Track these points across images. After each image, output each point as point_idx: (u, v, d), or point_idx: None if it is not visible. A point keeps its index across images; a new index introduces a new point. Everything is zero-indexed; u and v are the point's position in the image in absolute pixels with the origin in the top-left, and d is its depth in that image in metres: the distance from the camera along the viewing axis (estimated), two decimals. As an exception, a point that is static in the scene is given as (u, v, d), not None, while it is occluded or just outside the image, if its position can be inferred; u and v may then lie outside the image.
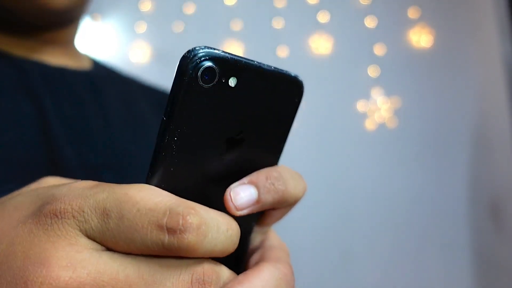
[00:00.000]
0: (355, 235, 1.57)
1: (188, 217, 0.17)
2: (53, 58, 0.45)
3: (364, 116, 1.63)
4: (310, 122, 1.58)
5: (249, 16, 1.60)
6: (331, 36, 1.64)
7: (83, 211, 0.18)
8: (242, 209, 0.21)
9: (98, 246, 0.18)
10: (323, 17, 1.64)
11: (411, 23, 1.67)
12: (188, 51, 0.19)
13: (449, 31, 1.69)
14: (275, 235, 0.26)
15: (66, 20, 0.44)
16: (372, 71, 1.64)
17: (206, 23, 1.61)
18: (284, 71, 0.22)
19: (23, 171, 0.36)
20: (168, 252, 0.18)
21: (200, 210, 0.18)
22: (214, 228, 0.18)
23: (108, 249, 0.18)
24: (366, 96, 1.63)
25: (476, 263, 1.60)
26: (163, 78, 1.45)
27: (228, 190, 0.21)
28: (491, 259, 1.60)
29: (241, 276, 0.20)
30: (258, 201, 0.21)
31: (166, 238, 0.17)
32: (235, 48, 1.58)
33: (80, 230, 0.18)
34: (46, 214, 0.18)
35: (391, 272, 1.56)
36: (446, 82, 1.66)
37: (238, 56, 0.20)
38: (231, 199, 0.21)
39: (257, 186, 0.21)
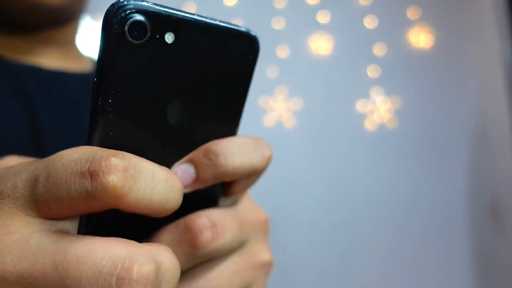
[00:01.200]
0: (355, 235, 1.56)
1: (112, 159, 0.16)
2: (50, 60, 0.44)
3: (363, 116, 1.63)
4: (310, 122, 1.58)
5: (249, 16, 1.60)
6: (331, 36, 1.64)
7: (16, 187, 0.17)
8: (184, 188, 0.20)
9: (42, 223, 0.17)
10: (323, 17, 1.64)
11: (411, 23, 1.67)
12: (112, 4, 0.17)
13: (449, 31, 1.69)
14: (249, 200, 0.25)
15: (63, 19, 0.43)
16: (372, 71, 1.64)
17: (206, 23, 1.61)
18: (234, 26, 0.20)
19: None
20: (96, 201, 0.16)
21: (131, 156, 0.17)
22: (148, 175, 0.17)
23: (51, 218, 0.17)
24: (366, 96, 1.63)
25: (476, 263, 1.60)
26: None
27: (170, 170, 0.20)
28: (491, 259, 1.60)
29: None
30: (196, 179, 0.20)
31: (89, 184, 0.16)
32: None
33: (16, 208, 0.17)
34: None
35: (391, 272, 1.56)
36: (446, 82, 1.66)
37: (173, 9, 0.18)
38: None
39: (194, 164, 0.20)
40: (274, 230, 0.27)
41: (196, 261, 0.20)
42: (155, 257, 0.16)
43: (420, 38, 1.67)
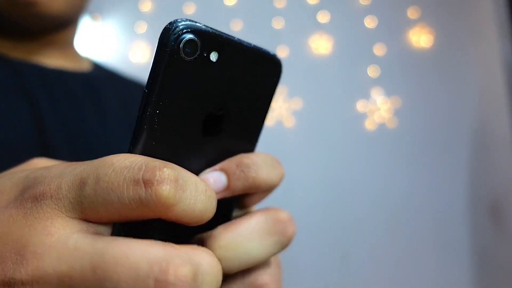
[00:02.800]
0: (355, 235, 1.57)
1: (165, 169, 0.17)
2: (51, 60, 0.45)
3: (364, 116, 1.63)
4: (310, 122, 1.58)
5: (249, 16, 1.60)
6: (331, 36, 1.64)
7: (60, 188, 0.18)
8: None
9: (81, 225, 0.17)
10: (323, 17, 1.64)
11: (411, 23, 1.67)
12: (170, 23, 0.19)
13: (449, 31, 1.69)
14: None
15: (64, 24, 0.44)
16: (372, 71, 1.64)
17: (206, 23, 1.60)
18: (264, 49, 0.22)
19: None
20: (147, 209, 0.17)
21: (178, 167, 0.18)
22: (193, 185, 0.18)
23: (91, 221, 0.18)
24: (366, 96, 1.63)
25: (476, 263, 1.60)
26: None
27: (200, 176, 0.21)
28: (491, 259, 1.60)
29: (228, 223, 0.20)
30: (227, 187, 0.21)
31: (143, 191, 0.16)
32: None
33: (58, 209, 0.17)
34: (27, 198, 0.18)
35: (391, 272, 1.56)
36: (446, 82, 1.67)
37: (219, 31, 0.19)
38: None
39: (227, 173, 0.21)
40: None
41: (282, 250, 0.22)
42: (193, 259, 0.16)
43: (420, 38, 1.67)
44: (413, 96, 1.64)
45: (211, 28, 0.19)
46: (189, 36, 0.18)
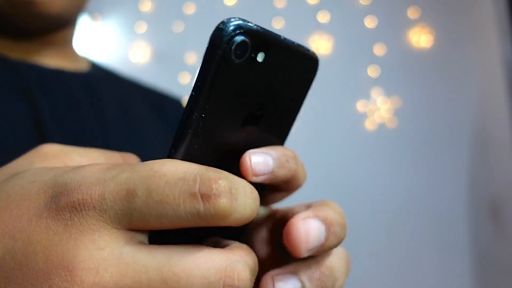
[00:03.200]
0: (354, 235, 1.56)
1: (220, 181, 0.17)
2: (50, 60, 0.45)
3: (364, 116, 1.63)
4: (310, 122, 1.58)
5: (249, 16, 1.59)
6: (331, 36, 1.64)
7: (104, 198, 0.17)
8: (257, 175, 0.20)
9: (125, 235, 0.17)
10: (323, 17, 1.64)
11: (411, 23, 1.68)
12: (222, 22, 0.17)
13: (449, 31, 1.69)
14: None
15: (63, 24, 0.44)
16: (372, 71, 1.64)
17: (206, 23, 1.61)
18: (303, 46, 0.21)
19: None
20: (203, 221, 0.17)
21: (229, 175, 0.17)
22: (242, 192, 0.18)
23: (137, 230, 0.17)
24: (366, 96, 1.63)
25: (476, 263, 1.60)
26: (163, 78, 1.45)
27: (247, 154, 0.20)
28: (491, 259, 1.60)
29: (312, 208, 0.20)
30: (272, 172, 0.21)
31: (201, 205, 0.16)
32: (235, 48, 1.58)
33: (103, 220, 0.17)
34: (63, 207, 0.17)
35: (391, 272, 1.56)
36: (446, 82, 1.67)
37: (268, 30, 0.19)
38: (250, 163, 0.20)
39: (273, 158, 0.21)
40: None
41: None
42: (247, 261, 0.18)
43: (420, 38, 1.67)
44: (413, 96, 1.65)
45: (261, 27, 0.18)
46: (242, 38, 0.17)
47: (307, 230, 0.19)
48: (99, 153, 0.23)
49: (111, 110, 0.47)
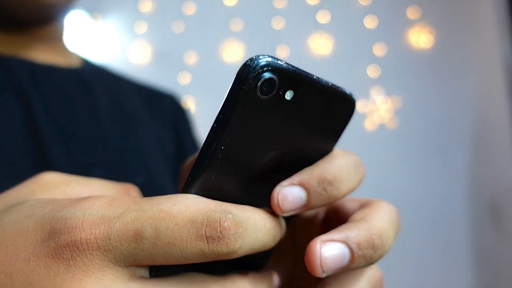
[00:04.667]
0: (355, 235, 1.57)
1: (225, 224, 0.17)
2: (41, 55, 0.44)
3: (364, 116, 1.63)
4: (310, 122, 1.58)
5: (249, 16, 1.60)
6: (331, 36, 1.64)
7: (110, 239, 0.16)
8: (288, 212, 0.20)
9: (127, 272, 0.17)
10: (323, 17, 1.64)
11: (411, 23, 1.68)
12: (251, 59, 0.17)
13: (449, 31, 1.69)
14: None
15: (56, 15, 0.43)
16: (372, 71, 1.64)
17: (206, 23, 1.61)
18: (340, 88, 0.21)
19: (9, 171, 0.35)
20: (208, 259, 0.17)
21: (237, 212, 0.18)
22: (252, 228, 0.18)
23: (132, 266, 0.18)
24: (366, 96, 1.63)
25: (476, 263, 1.60)
26: (163, 78, 1.45)
27: (276, 190, 0.20)
28: (491, 259, 1.60)
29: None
30: (306, 205, 0.20)
31: (206, 247, 0.17)
32: (235, 48, 1.58)
33: (108, 260, 0.17)
34: (63, 246, 0.16)
35: (391, 272, 1.56)
36: (446, 82, 1.67)
37: (299, 69, 0.19)
38: (278, 202, 0.19)
39: (307, 190, 0.20)
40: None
41: (373, 262, 0.20)
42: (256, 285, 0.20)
43: (420, 38, 1.67)
44: (413, 96, 1.65)
45: (291, 66, 0.18)
46: (269, 75, 0.17)
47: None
48: (101, 183, 0.23)
49: (105, 106, 0.47)
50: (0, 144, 0.36)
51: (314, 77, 0.19)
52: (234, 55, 1.58)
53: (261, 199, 0.20)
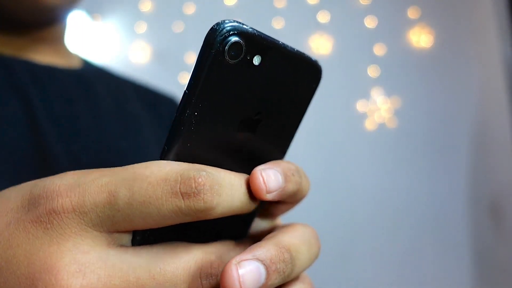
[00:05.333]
0: (355, 235, 1.57)
1: (200, 179, 0.17)
2: (42, 56, 0.44)
3: (364, 116, 1.63)
4: (310, 122, 1.58)
5: (249, 16, 1.60)
6: (331, 36, 1.64)
7: (84, 201, 0.17)
8: (271, 192, 0.20)
9: (106, 238, 0.17)
10: (323, 17, 1.64)
11: (411, 23, 1.68)
12: (217, 24, 0.18)
13: (449, 31, 1.69)
14: None
15: (57, 18, 0.43)
16: (372, 71, 1.64)
17: (206, 23, 1.60)
18: (306, 54, 0.21)
19: (11, 170, 0.35)
20: (187, 217, 0.17)
21: (211, 170, 0.18)
22: (228, 186, 0.18)
23: (120, 231, 0.18)
24: (366, 96, 1.63)
25: (476, 263, 1.60)
26: (163, 78, 1.45)
27: (257, 171, 0.20)
28: (491, 259, 1.60)
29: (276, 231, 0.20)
30: (282, 188, 0.20)
31: (182, 203, 0.17)
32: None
33: (85, 223, 0.17)
34: (42, 211, 0.17)
35: (391, 272, 1.56)
36: (446, 82, 1.67)
37: (265, 34, 0.19)
38: (263, 180, 0.19)
39: (283, 174, 0.20)
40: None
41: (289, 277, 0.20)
42: (223, 257, 0.19)
43: (420, 38, 1.67)
44: (413, 96, 1.65)
45: (257, 31, 0.19)
46: (235, 38, 0.18)
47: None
48: None
49: (106, 106, 0.47)
50: (1, 143, 0.36)
51: (280, 42, 0.20)
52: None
53: (238, 166, 0.21)
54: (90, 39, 1.57)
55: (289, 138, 0.23)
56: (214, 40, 0.18)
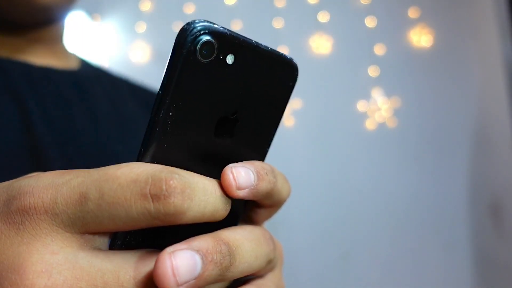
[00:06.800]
0: (355, 235, 1.56)
1: (171, 182, 0.17)
2: (38, 58, 0.44)
3: (364, 116, 1.63)
4: (310, 122, 1.58)
5: (249, 16, 1.60)
6: (331, 36, 1.64)
7: (56, 202, 0.17)
8: (242, 189, 0.19)
9: (78, 240, 0.17)
10: (323, 17, 1.64)
11: (411, 23, 1.67)
12: (188, 24, 0.18)
13: (449, 31, 1.69)
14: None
15: (53, 18, 0.43)
16: (372, 71, 1.63)
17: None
18: (280, 53, 0.21)
19: (5, 174, 0.35)
20: (156, 220, 0.17)
21: (184, 174, 0.17)
22: (201, 191, 0.18)
23: (89, 233, 0.17)
24: (366, 96, 1.63)
25: (476, 263, 1.60)
26: (163, 78, 1.45)
27: (228, 168, 0.19)
28: (491, 259, 1.60)
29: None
30: (255, 186, 0.20)
31: (151, 206, 0.16)
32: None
33: (56, 224, 0.17)
34: (15, 211, 0.17)
35: (391, 272, 1.56)
36: (446, 82, 1.66)
37: (236, 33, 0.19)
38: (233, 177, 0.19)
39: (253, 171, 0.20)
40: (274, 230, 0.27)
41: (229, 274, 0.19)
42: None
43: (420, 38, 1.67)
44: (413, 96, 1.64)
45: (228, 30, 0.19)
46: (207, 38, 0.18)
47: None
48: None
49: (102, 109, 0.46)
50: None
51: (253, 41, 0.20)
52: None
53: (215, 169, 0.20)
54: (90, 39, 1.57)
55: (268, 140, 0.23)
56: (185, 40, 0.18)
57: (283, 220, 1.46)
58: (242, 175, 0.19)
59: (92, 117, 0.44)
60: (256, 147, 0.23)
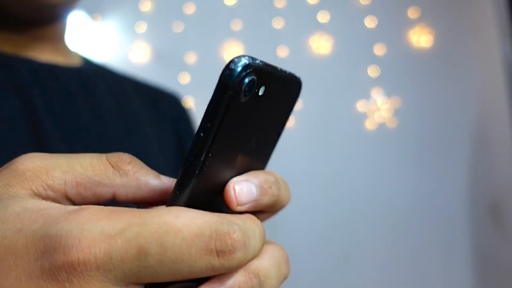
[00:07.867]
0: (354, 235, 1.56)
1: (235, 236, 0.16)
2: (43, 54, 0.44)
3: (364, 116, 1.63)
4: (310, 122, 1.58)
5: (249, 16, 1.60)
6: (331, 36, 1.64)
7: (111, 257, 0.15)
8: (242, 205, 0.20)
9: None
10: (323, 17, 1.64)
11: (411, 23, 1.67)
12: (233, 62, 0.17)
13: (449, 31, 1.69)
14: None
15: (57, 15, 0.43)
16: (372, 71, 1.64)
17: (206, 23, 1.61)
18: (290, 72, 0.21)
19: None
20: (215, 273, 0.17)
21: (240, 223, 0.17)
22: (252, 237, 0.18)
23: (140, 284, 0.17)
24: (366, 96, 1.63)
25: (476, 263, 1.60)
26: (163, 78, 1.45)
27: (230, 183, 0.20)
28: (491, 259, 1.60)
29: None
30: (257, 200, 0.20)
31: (216, 261, 0.16)
32: (235, 48, 1.58)
33: (107, 280, 0.15)
34: (59, 267, 0.15)
35: (391, 272, 1.56)
36: (446, 82, 1.66)
37: (269, 64, 0.19)
38: (234, 193, 0.19)
39: (256, 186, 0.20)
40: (274, 230, 0.27)
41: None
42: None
43: (420, 38, 1.67)
44: (413, 96, 1.64)
45: (264, 63, 0.18)
46: (251, 77, 0.17)
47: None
48: (84, 166, 0.20)
49: (107, 105, 0.46)
50: (2, 142, 0.36)
51: (278, 68, 0.20)
52: (234, 55, 1.58)
53: (224, 181, 0.21)
54: (90, 39, 1.57)
55: (273, 146, 0.24)
56: (232, 81, 0.17)
57: (283, 220, 1.46)
58: (244, 192, 0.20)
59: (97, 113, 0.44)
60: (262, 155, 0.23)
